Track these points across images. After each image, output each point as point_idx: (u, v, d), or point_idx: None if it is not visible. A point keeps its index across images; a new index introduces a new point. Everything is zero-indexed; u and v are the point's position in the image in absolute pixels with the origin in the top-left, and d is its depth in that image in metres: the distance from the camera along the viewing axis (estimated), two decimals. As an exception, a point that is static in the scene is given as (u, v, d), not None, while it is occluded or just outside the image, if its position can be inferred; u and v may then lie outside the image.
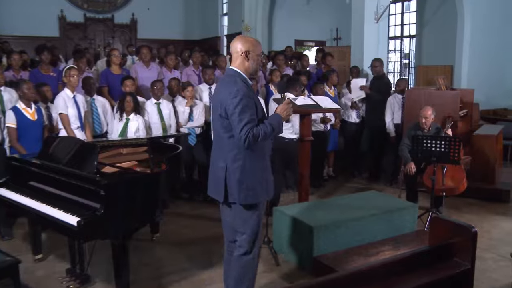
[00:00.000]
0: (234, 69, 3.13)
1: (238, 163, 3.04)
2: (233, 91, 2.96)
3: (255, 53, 3.12)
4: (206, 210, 6.08)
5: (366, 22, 8.71)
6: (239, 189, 3.05)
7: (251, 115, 2.94)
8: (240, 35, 3.27)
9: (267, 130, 2.99)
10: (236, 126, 2.94)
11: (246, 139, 2.91)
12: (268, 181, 3.17)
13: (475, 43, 9.78)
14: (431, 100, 6.65)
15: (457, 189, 5.60)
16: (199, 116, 6.28)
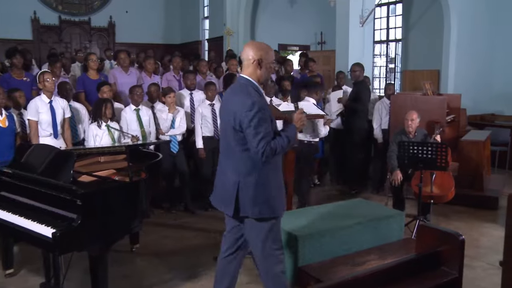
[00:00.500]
0: (246, 78, 3.09)
1: (252, 177, 3.01)
2: (248, 103, 2.92)
3: (268, 60, 3.08)
4: (188, 219, 6.07)
5: (351, 26, 8.81)
6: (254, 203, 3.03)
7: (266, 128, 2.91)
8: (252, 41, 3.22)
9: (283, 143, 2.98)
10: (252, 140, 2.91)
11: (263, 153, 2.89)
12: (282, 193, 3.17)
13: (462, 47, 9.94)
14: (417, 105, 6.74)
15: (445, 197, 5.68)
16: (181, 123, 6.27)
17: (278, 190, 3.12)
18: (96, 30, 16.36)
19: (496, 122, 10.10)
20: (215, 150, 6.34)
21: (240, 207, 3.07)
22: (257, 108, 2.88)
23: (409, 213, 6.07)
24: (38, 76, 5.48)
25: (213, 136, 6.31)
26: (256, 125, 2.88)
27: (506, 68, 10.33)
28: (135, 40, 15.80)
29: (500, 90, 10.50)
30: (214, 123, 6.29)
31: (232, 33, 12.52)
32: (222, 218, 6.03)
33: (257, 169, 3.00)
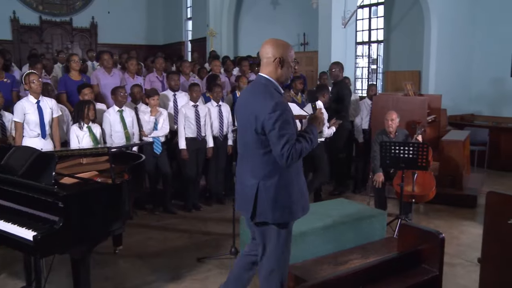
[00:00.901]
0: (266, 77, 2.98)
1: (272, 180, 2.91)
2: (270, 104, 2.80)
3: (289, 59, 2.98)
4: (171, 221, 6.05)
5: (334, 27, 8.86)
6: (273, 208, 2.93)
7: (291, 130, 2.83)
8: (272, 38, 3.08)
9: (307, 145, 2.89)
10: (276, 143, 2.81)
11: (288, 156, 2.79)
12: (304, 196, 3.07)
13: (442, 48, 10.08)
14: (399, 105, 6.82)
15: (426, 196, 5.75)
16: (164, 125, 6.25)
17: (300, 194, 3.02)
18: (78, 31, 16.20)
19: (475, 122, 10.28)
20: (199, 151, 6.38)
21: (259, 211, 2.96)
22: (280, 110, 2.78)
23: (391, 212, 6.14)
24: (24, 78, 5.41)
25: (196, 137, 6.30)
26: (280, 128, 2.78)
27: (485, 69, 10.50)
28: (118, 41, 15.69)
29: (479, 91, 10.67)
30: (197, 124, 6.28)
31: (215, 34, 12.51)
32: (206, 219, 6.09)
33: (278, 172, 2.90)
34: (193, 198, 6.54)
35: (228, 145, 6.67)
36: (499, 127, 9.62)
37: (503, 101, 10.26)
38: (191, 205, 6.50)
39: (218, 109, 6.58)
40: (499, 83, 10.30)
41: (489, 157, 9.04)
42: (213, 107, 6.57)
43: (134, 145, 5.77)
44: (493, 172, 8.90)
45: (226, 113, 6.66)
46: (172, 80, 6.74)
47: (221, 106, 6.63)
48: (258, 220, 3.00)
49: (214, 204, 6.75)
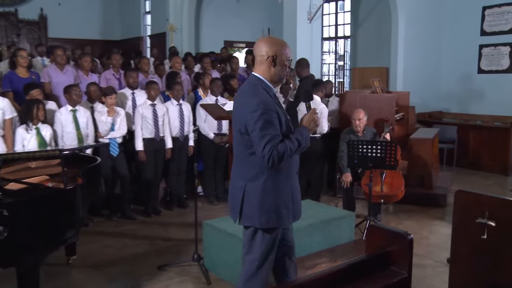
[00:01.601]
0: (257, 76, 2.98)
1: (258, 182, 2.90)
2: (253, 104, 2.82)
3: (283, 57, 2.97)
4: (130, 227, 5.96)
5: (299, 22, 8.91)
6: (260, 212, 2.91)
7: (274, 130, 2.80)
8: (268, 36, 3.10)
9: (293, 146, 2.85)
10: (258, 144, 2.80)
11: (269, 158, 2.77)
12: (295, 202, 3.04)
13: (410, 44, 10.26)
14: (366, 103, 6.91)
15: (395, 196, 5.85)
16: (121, 125, 6.15)
17: (291, 198, 3.00)
18: (25, 23, 15.58)
19: (443, 119, 10.50)
20: (157, 152, 6.31)
21: (246, 214, 2.96)
22: (262, 109, 2.78)
23: (359, 213, 6.22)
24: None
25: (154, 138, 6.23)
26: (262, 128, 2.78)
27: (453, 66, 10.75)
28: (70, 35, 15.27)
29: (447, 88, 10.91)
30: (155, 124, 6.21)
31: (175, 29, 12.41)
32: (166, 224, 6.03)
33: (265, 174, 2.89)
34: (153, 202, 6.47)
35: (189, 146, 6.62)
36: (467, 124, 9.88)
37: (471, 98, 10.52)
38: (150, 209, 6.42)
39: (178, 108, 6.52)
40: (467, 80, 10.57)
41: (457, 155, 9.27)
42: (173, 106, 6.51)
43: (89, 147, 5.66)
44: (462, 170, 9.14)
45: (187, 112, 6.61)
46: (130, 77, 6.64)
47: (182, 105, 6.58)
48: (244, 224, 3.01)
49: (175, 208, 6.70)
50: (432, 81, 10.82)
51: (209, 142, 6.76)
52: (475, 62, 10.45)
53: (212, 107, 5.48)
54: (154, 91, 6.26)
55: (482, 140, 9.34)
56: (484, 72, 10.34)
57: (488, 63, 10.28)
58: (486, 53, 10.31)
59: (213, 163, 6.90)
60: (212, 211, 6.53)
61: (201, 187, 7.23)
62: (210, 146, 6.79)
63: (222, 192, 7.03)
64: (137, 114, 6.23)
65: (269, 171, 2.89)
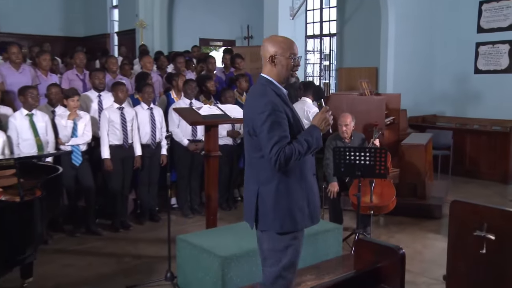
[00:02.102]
0: (265, 77, 3.11)
1: (271, 185, 3.01)
2: (260, 105, 2.95)
3: (283, 56, 3.07)
4: (96, 243, 5.89)
5: (281, 18, 8.96)
6: (274, 216, 3.02)
7: (282, 132, 2.91)
8: (272, 35, 3.25)
9: (301, 148, 2.94)
10: (265, 146, 2.92)
11: (276, 160, 2.88)
12: (313, 204, 3.13)
13: (401, 42, 10.35)
14: (354, 106, 6.96)
15: (386, 207, 5.87)
16: (85, 131, 6.08)
17: (307, 201, 3.09)
18: (-29, 17, 15.31)
19: (438, 123, 10.62)
20: (125, 160, 6.26)
21: (260, 219, 3.07)
22: (270, 110, 2.91)
23: (347, 226, 6.24)
24: None
25: (122, 145, 6.18)
26: (270, 129, 2.89)
27: (447, 65, 10.87)
28: (27, 30, 15.01)
29: (441, 90, 11.03)
30: (124, 130, 6.16)
31: (146, 26, 12.35)
32: (136, 240, 5.97)
33: (276, 177, 3.00)
34: (121, 216, 6.41)
35: (162, 155, 6.59)
36: (464, 129, 10.00)
37: (467, 100, 10.65)
38: (118, 224, 6.36)
39: (149, 112, 6.49)
40: (463, 80, 10.70)
41: (453, 162, 9.35)
42: (143, 110, 6.47)
43: (48, 156, 5.59)
44: (458, 179, 9.23)
45: (158, 117, 6.58)
46: (96, 78, 6.58)
47: (153, 109, 6.55)
48: (260, 229, 3.12)
49: (147, 222, 6.66)
50: (425, 82, 10.92)
51: (183, 149, 6.74)
52: (471, 61, 10.59)
53: (186, 111, 5.46)
54: (122, 93, 6.21)
55: (480, 145, 9.44)
56: (482, 72, 10.49)
57: (485, 63, 10.42)
58: (483, 52, 10.45)
59: (188, 173, 6.88)
60: (187, 225, 6.50)
61: (174, 198, 7.20)
62: (184, 154, 6.77)
63: (197, 204, 7.00)
64: (103, 118, 6.17)
65: (281, 174, 3.00)
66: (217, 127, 5.21)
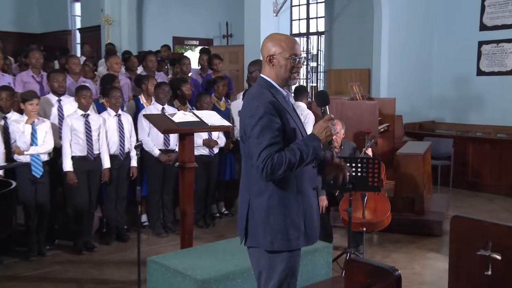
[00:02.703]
0: (264, 78, 3.17)
1: (263, 197, 3.03)
2: (252, 107, 2.98)
3: (283, 56, 3.10)
4: (53, 268, 5.82)
5: (263, 15, 8.98)
6: (265, 231, 3.03)
7: (272, 137, 2.91)
8: (274, 33, 3.30)
9: (293, 158, 2.91)
10: (253, 152, 2.93)
11: (263, 168, 2.87)
12: (310, 222, 3.12)
13: (396, 41, 10.40)
14: (344, 112, 7.00)
15: (380, 223, 5.90)
16: (46, 139, 6.02)
17: (303, 217, 3.08)
18: None
19: (437, 131, 10.70)
20: (91, 174, 6.21)
21: (250, 234, 3.08)
22: (261, 113, 2.93)
23: (338, 244, 6.25)
24: None
25: (87, 156, 6.14)
26: (259, 134, 2.91)
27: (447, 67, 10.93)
28: (-28, 25, 14.87)
29: (440, 94, 11.10)
30: (88, 140, 6.12)
31: (112, 22, 12.29)
32: (102, 263, 5.92)
33: (269, 189, 3.01)
34: (85, 236, 6.35)
35: (131, 167, 6.57)
36: (466, 136, 10.10)
37: (469, 105, 10.69)
38: (81, 245, 6.30)
39: (116, 119, 6.47)
40: (464, 83, 10.75)
41: (454, 174, 9.43)
42: (110, 117, 6.45)
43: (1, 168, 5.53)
44: (459, 192, 9.30)
45: (127, 125, 6.56)
46: (55, 81, 6.52)
47: (121, 116, 6.52)
48: (248, 245, 3.12)
49: (114, 243, 6.61)
50: (423, 85, 10.99)
51: (155, 160, 6.72)
52: (473, 62, 10.65)
53: (157, 118, 5.45)
54: (85, 98, 6.18)
55: (484, 155, 9.48)
56: (485, 74, 10.54)
57: (489, 63, 10.46)
58: (486, 51, 10.51)
59: (160, 186, 6.86)
60: (159, 245, 6.47)
61: (145, 215, 7.16)
62: (155, 166, 6.75)
63: (171, 222, 6.97)
64: (65, 126, 6.12)
65: (274, 186, 3.01)
66: (193, 135, 5.20)
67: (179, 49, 14.44)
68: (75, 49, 14.75)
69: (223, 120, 5.40)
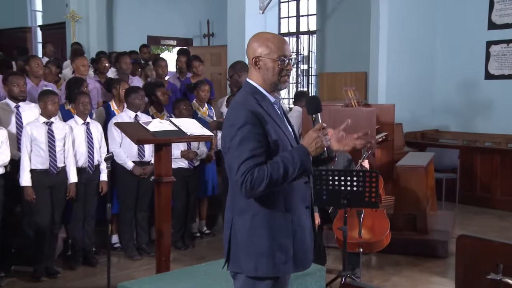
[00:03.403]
0: (250, 83, 3.15)
1: (246, 216, 3.01)
2: (233, 116, 2.97)
3: (269, 58, 3.07)
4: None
5: (248, 12, 9.00)
6: (247, 255, 3.01)
7: (253, 149, 2.87)
8: (260, 32, 3.29)
9: (276, 173, 2.85)
10: (233, 166, 2.90)
11: (242, 184, 2.84)
12: (301, 245, 3.09)
13: (395, 42, 10.44)
14: (338, 119, 7.01)
15: (379, 243, 5.91)
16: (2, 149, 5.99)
17: (290, 239, 3.04)
18: None
19: (441, 140, 10.73)
20: (54, 189, 6.18)
21: (232, 257, 3.07)
22: (242, 122, 2.90)
23: (332, 267, 6.27)
24: None
25: (49, 170, 6.11)
26: (238, 145, 2.88)
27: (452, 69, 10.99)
28: None
29: (445, 99, 11.11)
30: (51, 151, 6.08)
31: (79, 19, 12.25)
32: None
33: (253, 207, 3.00)
34: (47, 260, 6.30)
35: (101, 181, 6.56)
36: (473, 146, 10.14)
37: (476, 112, 10.72)
38: (42, 270, 6.25)
39: (85, 128, 6.45)
40: (471, 88, 10.77)
41: (461, 188, 9.49)
42: (77, 125, 6.43)
43: None
44: (467, 208, 9.35)
45: (97, 134, 6.55)
46: (15, 85, 6.48)
47: (90, 124, 6.51)
48: (230, 269, 3.10)
49: (80, 267, 6.57)
50: (425, 90, 11.03)
51: (128, 174, 6.70)
52: (481, 64, 10.68)
53: (130, 127, 5.45)
54: (52, 104, 6.15)
55: (493, 167, 9.53)
56: (493, 77, 10.56)
57: (498, 66, 10.49)
58: (495, 52, 10.53)
59: (134, 203, 6.85)
60: (132, 269, 6.46)
61: (116, 236, 7.14)
62: (129, 180, 6.74)
63: (145, 243, 6.94)
64: (24, 136, 6.08)
65: (258, 204, 2.98)
66: (170, 146, 5.21)
67: (155, 50, 14.45)
68: (35, 48, 14.70)
69: (203, 129, 5.40)
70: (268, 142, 2.95)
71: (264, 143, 2.92)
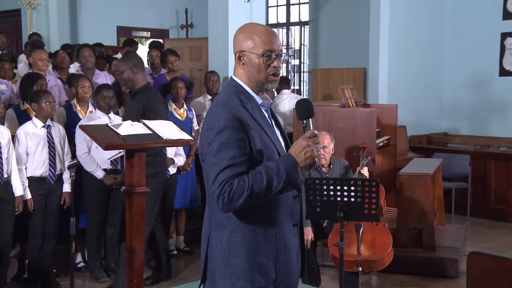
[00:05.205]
0: (235, 81, 3.14)
1: (224, 232, 3.00)
2: (211, 119, 2.96)
3: (254, 52, 3.05)
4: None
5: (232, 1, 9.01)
6: (223, 276, 3.01)
7: (234, 157, 2.85)
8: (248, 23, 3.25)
9: (258, 185, 2.84)
10: (210, 175, 2.89)
11: (219, 196, 2.82)
12: (284, 266, 3.07)
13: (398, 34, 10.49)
14: (333, 121, 7.06)
15: (380, 262, 5.93)
16: None
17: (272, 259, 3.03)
18: None
19: (449, 145, 10.76)
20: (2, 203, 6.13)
21: (209, 277, 3.08)
22: (221, 126, 2.89)
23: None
24: None
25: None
26: (216, 152, 2.87)
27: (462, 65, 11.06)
28: None
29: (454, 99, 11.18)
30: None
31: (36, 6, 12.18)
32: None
33: (232, 221, 2.99)
34: (-1, 283, 6.30)
35: (64, 192, 6.54)
36: (486, 152, 10.20)
37: (489, 112, 10.79)
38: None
39: (45, 132, 6.43)
40: (483, 86, 10.82)
41: (473, 199, 9.54)
42: (36, 128, 6.41)
43: None
44: (479, 222, 9.39)
45: (58, 138, 6.52)
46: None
47: (51, 127, 6.49)
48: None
49: (39, 292, 6.56)
50: (432, 89, 11.09)
51: (97, 184, 6.67)
52: (495, 59, 10.75)
53: (98, 130, 5.42)
54: None
55: (509, 175, 9.53)
56: (509, 73, 10.61)
57: (514, 60, 10.57)
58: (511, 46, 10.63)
59: (103, 217, 6.82)
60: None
61: (80, 254, 7.12)
62: (97, 190, 6.69)
63: (115, 262, 6.93)
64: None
65: (237, 218, 2.98)
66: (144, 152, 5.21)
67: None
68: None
69: (181, 133, 5.39)
70: (251, 149, 2.93)
71: (246, 151, 2.91)
